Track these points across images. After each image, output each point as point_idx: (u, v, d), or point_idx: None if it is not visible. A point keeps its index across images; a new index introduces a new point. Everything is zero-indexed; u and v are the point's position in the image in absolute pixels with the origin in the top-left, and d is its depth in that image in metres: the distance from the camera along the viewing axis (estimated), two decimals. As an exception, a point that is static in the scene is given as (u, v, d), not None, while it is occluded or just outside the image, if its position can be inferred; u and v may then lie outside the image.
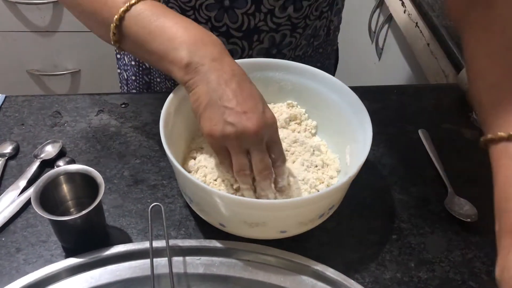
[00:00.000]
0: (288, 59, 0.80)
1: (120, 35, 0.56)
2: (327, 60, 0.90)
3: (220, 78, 0.52)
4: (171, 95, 0.59)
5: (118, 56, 0.90)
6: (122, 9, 0.55)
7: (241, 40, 0.76)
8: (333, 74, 0.97)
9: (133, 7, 0.55)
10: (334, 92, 0.64)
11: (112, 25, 0.55)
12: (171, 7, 0.73)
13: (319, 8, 0.77)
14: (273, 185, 0.55)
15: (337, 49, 0.94)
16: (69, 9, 0.61)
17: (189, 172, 0.59)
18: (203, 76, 0.52)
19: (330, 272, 0.54)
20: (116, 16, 0.55)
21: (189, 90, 0.54)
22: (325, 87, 0.65)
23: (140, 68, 0.85)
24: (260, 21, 0.74)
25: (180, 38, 0.53)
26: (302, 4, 0.74)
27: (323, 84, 0.65)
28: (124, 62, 0.88)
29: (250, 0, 0.71)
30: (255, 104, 0.51)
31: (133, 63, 0.86)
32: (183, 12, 0.73)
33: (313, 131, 0.68)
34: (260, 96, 0.53)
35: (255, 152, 0.52)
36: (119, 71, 0.92)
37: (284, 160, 0.55)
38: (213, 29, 0.74)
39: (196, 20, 0.73)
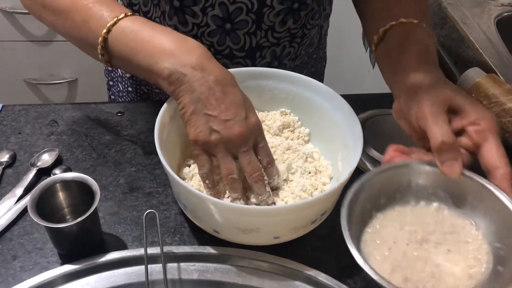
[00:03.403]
0: (288, 69, 0.82)
1: (108, 55, 0.59)
2: (319, 63, 0.92)
3: (202, 87, 0.53)
4: (165, 104, 0.60)
5: (110, 68, 0.91)
6: (104, 30, 0.57)
7: (244, 59, 0.77)
8: (323, 75, 0.99)
9: (114, 27, 0.57)
10: (326, 100, 0.66)
11: (98, 47, 0.58)
12: None
13: (314, 16, 0.78)
14: (268, 188, 0.56)
15: (325, 51, 0.97)
16: (65, 38, 0.64)
17: (184, 179, 0.60)
18: (187, 86, 0.54)
19: (323, 277, 0.54)
20: (100, 38, 0.57)
21: (175, 99, 0.56)
22: (317, 95, 0.66)
23: (137, 80, 0.86)
24: (262, 38, 0.75)
25: (159, 50, 0.55)
26: (300, 15, 0.75)
27: (316, 92, 0.67)
28: (118, 74, 0.89)
29: (251, 20, 0.73)
30: (238, 111, 0.53)
31: (128, 75, 0.87)
32: None
33: (306, 138, 0.69)
34: (243, 101, 0.55)
35: (241, 156, 0.54)
36: (111, 83, 0.92)
37: (272, 161, 0.57)
38: (216, 53, 0.76)
39: None
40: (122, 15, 0.58)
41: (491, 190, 0.47)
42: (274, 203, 0.57)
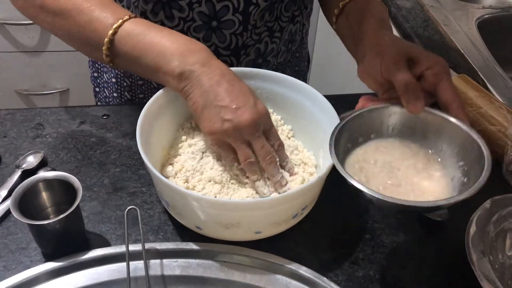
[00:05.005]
0: (272, 66, 0.84)
1: (113, 56, 0.61)
2: (302, 62, 0.94)
3: (211, 80, 0.56)
4: (147, 105, 0.61)
5: (96, 74, 0.91)
6: (110, 32, 0.59)
7: (229, 57, 0.79)
8: (307, 74, 1.00)
9: (120, 29, 0.59)
10: (308, 99, 0.67)
11: (103, 47, 0.60)
12: None
13: (289, 9, 0.80)
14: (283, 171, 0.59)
15: (308, 51, 0.99)
16: (62, 39, 0.65)
17: (167, 177, 0.60)
18: (196, 81, 0.56)
19: (304, 270, 0.55)
20: (106, 39, 0.59)
21: (185, 96, 0.58)
22: (299, 95, 0.67)
23: (122, 86, 0.86)
24: (248, 38, 0.77)
25: (169, 50, 0.57)
26: (274, 7, 0.77)
27: (298, 92, 0.68)
28: (103, 79, 0.90)
29: (238, 21, 0.74)
30: (246, 99, 0.56)
31: (113, 80, 0.87)
32: None
33: (290, 135, 0.70)
34: (250, 91, 0.58)
35: (254, 142, 0.56)
36: (97, 89, 0.93)
37: (282, 144, 0.60)
38: None
39: None
40: (127, 17, 0.60)
41: (450, 120, 0.55)
42: (287, 183, 0.59)
